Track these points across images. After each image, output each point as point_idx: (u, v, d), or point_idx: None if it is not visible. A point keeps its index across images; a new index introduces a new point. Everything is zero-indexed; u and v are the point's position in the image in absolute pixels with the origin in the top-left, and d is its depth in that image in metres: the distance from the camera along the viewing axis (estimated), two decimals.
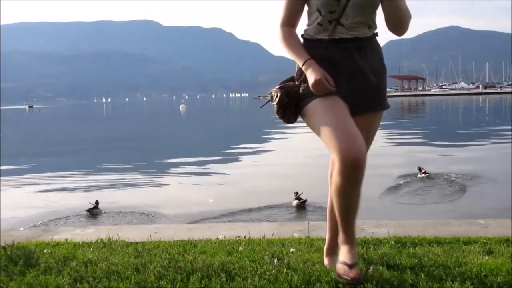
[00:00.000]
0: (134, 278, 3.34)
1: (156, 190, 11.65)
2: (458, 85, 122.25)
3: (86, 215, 9.07)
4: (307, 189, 9.38)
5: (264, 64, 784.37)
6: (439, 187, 10.56)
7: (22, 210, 9.67)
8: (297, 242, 4.81)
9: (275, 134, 26.24)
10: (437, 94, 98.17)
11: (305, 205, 8.99)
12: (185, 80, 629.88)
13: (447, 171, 11.90)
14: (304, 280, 3.20)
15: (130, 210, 9.54)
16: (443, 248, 4.19)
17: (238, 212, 8.84)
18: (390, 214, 8.36)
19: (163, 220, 8.64)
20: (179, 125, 43.96)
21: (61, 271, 3.49)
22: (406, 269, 3.70)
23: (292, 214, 8.77)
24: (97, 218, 9.05)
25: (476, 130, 25.24)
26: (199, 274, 3.42)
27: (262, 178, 12.46)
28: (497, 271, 3.33)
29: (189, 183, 12.42)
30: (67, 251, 4.24)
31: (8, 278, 3.33)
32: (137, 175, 13.67)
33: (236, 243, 4.65)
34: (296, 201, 9.00)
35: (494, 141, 19.04)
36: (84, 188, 12.05)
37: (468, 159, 14.42)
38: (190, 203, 9.91)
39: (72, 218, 9.02)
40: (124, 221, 8.84)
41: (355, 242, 3.01)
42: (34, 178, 14.00)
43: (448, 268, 3.61)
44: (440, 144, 19.29)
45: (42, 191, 11.75)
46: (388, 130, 24.04)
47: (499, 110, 44.79)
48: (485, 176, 11.18)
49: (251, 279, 3.31)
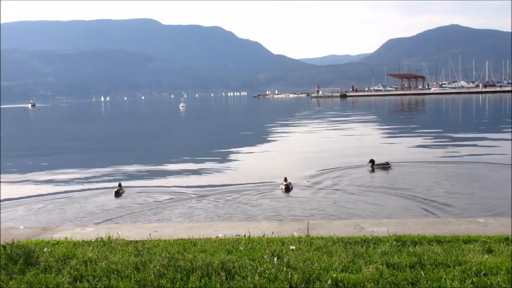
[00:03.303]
0: (134, 276, 3.34)
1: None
2: (458, 84, 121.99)
3: (113, 196, 10.44)
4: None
5: (263, 63, 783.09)
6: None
7: (22, 210, 9.69)
8: (297, 240, 4.81)
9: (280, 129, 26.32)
10: (437, 93, 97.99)
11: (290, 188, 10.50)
12: (185, 78, 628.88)
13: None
14: (304, 278, 3.20)
15: (150, 189, 11.27)
16: (443, 247, 4.19)
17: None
18: (390, 213, 8.40)
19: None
20: (180, 125, 43.96)
21: (61, 269, 3.49)
22: (406, 268, 3.71)
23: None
24: (121, 196, 10.49)
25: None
26: (199, 273, 3.42)
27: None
28: (497, 269, 3.33)
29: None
30: (67, 249, 4.24)
31: (8, 276, 3.33)
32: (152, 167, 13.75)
33: (236, 242, 4.65)
34: (285, 184, 10.45)
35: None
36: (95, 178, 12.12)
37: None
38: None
39: (71, 218, 9.02)
40: (145, 200, 10.14)
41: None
42: (34, 177, 14.04)
43: (447, 266, 3.62)
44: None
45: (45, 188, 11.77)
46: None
47: (499, 109, 44.83)
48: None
49: (251, 278, 3.31)
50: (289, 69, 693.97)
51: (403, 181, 11.12)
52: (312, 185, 10.99)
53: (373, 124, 30.66)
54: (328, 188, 10.61)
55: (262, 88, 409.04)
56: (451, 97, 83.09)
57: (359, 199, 9.42)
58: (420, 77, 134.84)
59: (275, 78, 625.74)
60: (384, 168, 12.44)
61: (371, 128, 27.74)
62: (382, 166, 12.56)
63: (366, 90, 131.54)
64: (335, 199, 9.48)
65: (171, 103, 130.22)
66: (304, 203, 9.32)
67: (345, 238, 4.94)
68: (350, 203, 9.18)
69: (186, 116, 56.05)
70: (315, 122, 33.11)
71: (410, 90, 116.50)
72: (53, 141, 28.59)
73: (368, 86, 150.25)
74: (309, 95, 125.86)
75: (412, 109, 50.31)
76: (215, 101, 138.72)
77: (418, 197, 9.45)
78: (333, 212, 8.57)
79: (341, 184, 10.97)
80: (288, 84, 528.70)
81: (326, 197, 9.76)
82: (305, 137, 23.87)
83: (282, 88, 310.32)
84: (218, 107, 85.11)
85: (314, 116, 41.98)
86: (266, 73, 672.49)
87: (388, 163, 12.68)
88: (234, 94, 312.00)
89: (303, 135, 25.25)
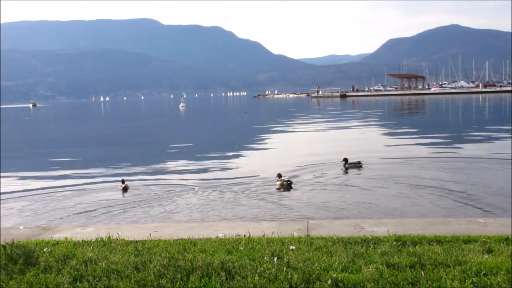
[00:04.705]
0: (134, 276, 3.34)
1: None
2: (458, 84, 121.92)
3: (120, 193, 10.89)
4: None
5: (263, 63, 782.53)
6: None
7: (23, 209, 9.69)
8: (297, 240, 4.81)
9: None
10: (437, 93, 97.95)
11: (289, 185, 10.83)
12: (185, 78, 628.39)
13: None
14: (304, 278, 3.20)
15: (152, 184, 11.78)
16: (443, 247, 4.19)
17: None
18: (390, 212, 8.42)
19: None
20: (180, 125, 43.96)
21: (61, 269, 3.49)
22: (406, 268, 3.71)
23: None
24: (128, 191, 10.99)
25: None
26: (199, 273, 3.42)
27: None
28: (497, 269, 3.33)
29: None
30: (67, 249, 4.24)
31: (8, 276, 3.33)
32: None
33: (236, 242, 4.65)
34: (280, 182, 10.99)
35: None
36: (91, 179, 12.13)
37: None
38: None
39: (72, 216, 9.02)
40: (149, 194, 10.63)
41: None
42: (34, 176, 14.05)
43: (447, 266, 3.62)
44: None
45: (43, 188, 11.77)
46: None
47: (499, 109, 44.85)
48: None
49: (251, 278, 3.31)
50: (289, 69, 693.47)
51: (357, 178, 11.78)
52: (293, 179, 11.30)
53: (372, 124, 30.69)
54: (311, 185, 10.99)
55: (262, 88, 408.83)
56: (451, 97, 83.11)
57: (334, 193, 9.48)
58: (420, 77, 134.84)
59: (275, 78, 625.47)
60: (356, 167, 13.25)
61: (371, 128, 27.79)
62: (354, 165, 13.31)
63: (366, 90, 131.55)
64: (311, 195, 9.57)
65: (170, 103, 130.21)
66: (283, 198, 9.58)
67: (345, 238, 4.94)
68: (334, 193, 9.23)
69: (187, 116, 56.05)
70: (314, 122, 33.15)
71: (410, 90, 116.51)
72: (53, 140, 28.60)
73: (368, 86, 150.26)
74: (309, 95, 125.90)
75: (412, 109, 50.33)
76: (214, 101, 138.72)
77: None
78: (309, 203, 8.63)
79: (319, 180, 11.73)
80: (288, 84, 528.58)
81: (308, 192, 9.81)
82: (305, 136, 23.93)
83: (282, 88, 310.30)
84: (218, 107, 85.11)
85: (314, 116, 42.00)
86: (266, 73, 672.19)
87: (360, 162, 13.44)
88: (233, 94, 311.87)
89: (302, 134, 25.30)
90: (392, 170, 12.82)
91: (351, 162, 13.32)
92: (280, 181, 10.89)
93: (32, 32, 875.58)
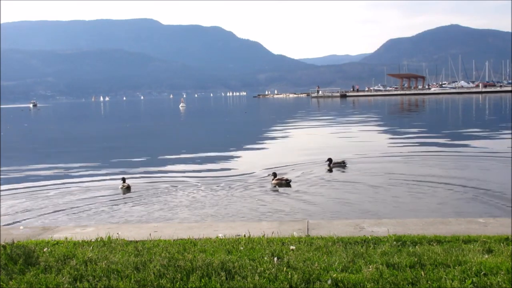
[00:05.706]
0: (134, 276, 3.34)
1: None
2: (458, 84, 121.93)
3: (123, 192, 10.96)
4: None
5: (263, 63, 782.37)
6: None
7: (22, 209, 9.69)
8: (297, 240, 4.81)
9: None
10: (437, 93, 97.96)
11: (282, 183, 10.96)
12: (184, 78, 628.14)
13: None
14: (304, 278, 3.20)
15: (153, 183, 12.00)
16: (443, 247, 4.19)
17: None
18: (390, 211, 8.44)
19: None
20: (181, 125, 43.96)
21: (61, 269, 3.49)
22: (406, 268, 3.71)
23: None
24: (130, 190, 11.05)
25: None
26: (199, 273, 3.42)
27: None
28: (497, 269, 3.33)
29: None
30: (67, 249, 4.24)
31: (8, 276, 3.33)
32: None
33: (236, 242, 4.65)
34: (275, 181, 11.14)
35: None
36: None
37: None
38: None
39: (72, 216, 9.02)
40: (150, 193, 10.76)
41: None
42: (34, 176, 14.05)
43: (447, 266, 3.62)
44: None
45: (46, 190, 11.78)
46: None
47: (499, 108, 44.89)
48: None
49: (251, 278, 3.31)
50: (289, 69, 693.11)
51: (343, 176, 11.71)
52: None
53: (371, 123, 30.70)
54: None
55: (262, 88, 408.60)
56: (451, 97, 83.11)
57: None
58: (420, 77, 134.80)
59: (275, 78, 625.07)
60: (341, 166, 13.43)
61: (370, 128, 27.81)
62: (339, 164, 13.49)
63: (366, 90, 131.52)
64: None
65: (170, 103, 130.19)
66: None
67: (345, 238, 4.94)
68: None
69: (187, 116, 56.03)
70: (315, 121, 33.16)
71: (410, 90, 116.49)
72: (53, 140, 28.61)
73: (368, 86, 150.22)
74: (309, 95, 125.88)
75: (412, 109, 50.33)
76: (214, 101, 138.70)
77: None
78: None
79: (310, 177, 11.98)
80: (288, 84, 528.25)
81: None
82: (304, 137, 23.95)
83: (282, 88, 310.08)
84: (218, 107, 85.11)
85: (313, 115, 42.00)
86: (266, 73, 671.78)
87: (344, 162, 13.65)
88: (233, 94, 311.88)
89: (302, 133, 25.32)
90: (386, 168, 12.95)
91: (336, 162, 13.49)
92: (276, 180, 10.93)
93: (32, 32, 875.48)
